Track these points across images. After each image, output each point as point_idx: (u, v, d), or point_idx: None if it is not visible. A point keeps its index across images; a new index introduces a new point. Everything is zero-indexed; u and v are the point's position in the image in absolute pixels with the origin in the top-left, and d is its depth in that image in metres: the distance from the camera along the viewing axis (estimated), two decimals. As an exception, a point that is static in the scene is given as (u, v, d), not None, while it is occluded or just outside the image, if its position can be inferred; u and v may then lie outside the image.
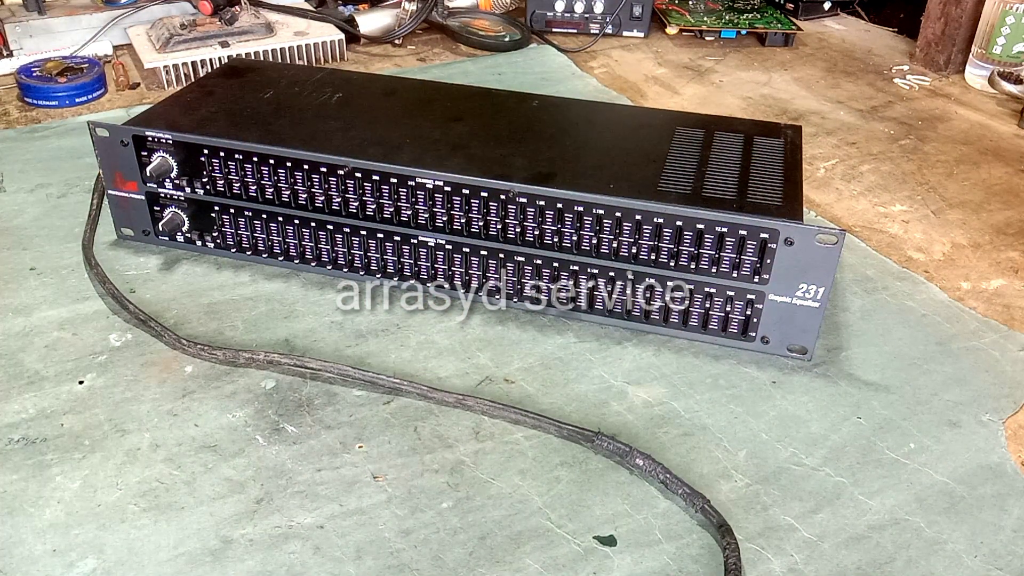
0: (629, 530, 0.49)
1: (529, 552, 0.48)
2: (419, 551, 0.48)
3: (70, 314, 0.65)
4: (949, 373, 0.62)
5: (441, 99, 0.77)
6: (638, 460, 0.53)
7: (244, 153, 0.65)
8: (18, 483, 0.51)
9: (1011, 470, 0.55)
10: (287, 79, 0.79)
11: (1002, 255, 0.77)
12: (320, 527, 0.49)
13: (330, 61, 1.13)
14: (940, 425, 0.58)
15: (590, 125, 0.74)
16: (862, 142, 0.97)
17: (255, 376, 0.59)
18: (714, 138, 0.70)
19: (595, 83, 1.09)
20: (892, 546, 0.49)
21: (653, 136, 0.71)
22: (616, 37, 1.26)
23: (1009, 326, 0.68)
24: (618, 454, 0.53)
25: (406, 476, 0.52)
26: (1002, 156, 0.95)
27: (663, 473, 0.52)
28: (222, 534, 0.48)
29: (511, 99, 0.78)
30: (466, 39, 1.21)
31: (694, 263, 0.61)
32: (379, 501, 0.51)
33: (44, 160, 0.86)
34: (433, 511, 0.50)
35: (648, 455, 0.53)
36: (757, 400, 0.59)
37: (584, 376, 0.61)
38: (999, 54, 1.10)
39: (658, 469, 0.52)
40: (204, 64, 1.03)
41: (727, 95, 1.08)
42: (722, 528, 0.49)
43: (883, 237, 0.79)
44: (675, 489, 0.51)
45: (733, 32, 1.26)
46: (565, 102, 0.79)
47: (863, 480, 0.53)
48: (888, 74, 1.16)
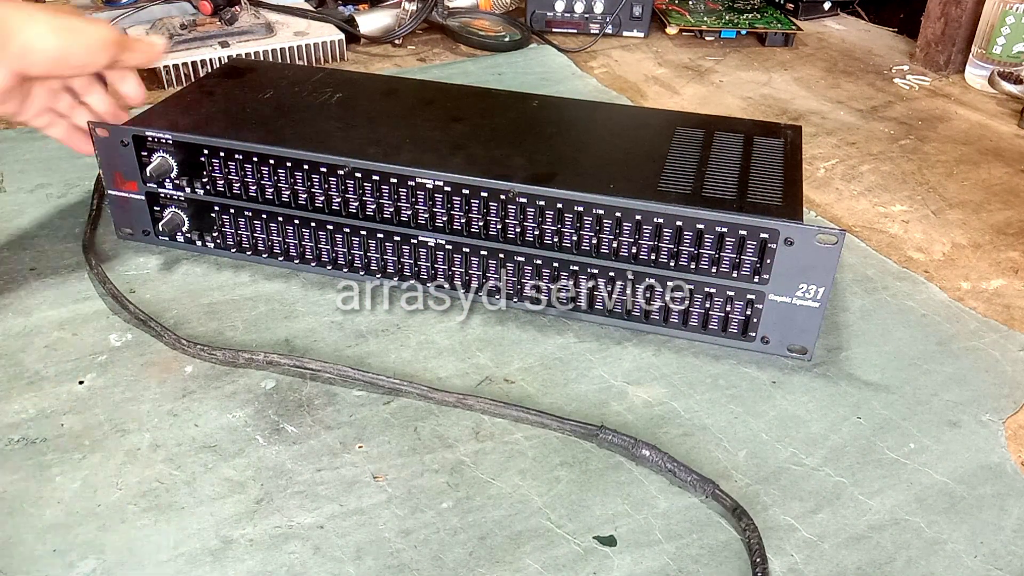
0: (629, 530, 0.49)
1: (529, 552, 0.48)
2: (419, 551, 0.48)
3: (70, 314, 0.65)
4: (949, 373, 0.62)
5: (441, 99, 0.77)
6: (644, 451, 0.53)
7: (244, 153, 0.65)
8: (18, 483, 0.51)
9: (1011, 470, 0.55)
10: (287, 79, 0.79)
11: (1002, 255, 0.77)
12: (320, 527, 0.49)
13: (330, 61, 1.13)
14: (940, 425, 0.58)
15: (590, 125, 0.74)
16: (862, 142, 0.97)
17: (255, 376, 0.59)
18: (714, 138, 0.70)
19: (595, 83, 1.09)
20: (892, 546, 0.49)
21: (653, 136, 0.71)
22: (616, 37, 1.26)
23: (1009, 326, 0.68)
24: (623, 447, 0.54)
25: (406, 476, 0.52)
26: (1002, 156, 0.95)
27: (670, 462, 0.52)
28: (222, 534, 0.48)
29: (511, 99, 0.78)
30: (466, 39, 1.21)
31: (694, 263, 0.61)
32: (379, 501, 0.51)
33: (44, 160, 0.86)
34: (433, 511, 0.50)
35: (654, 446, 0.53)
36: (757, 400, 0.59)
37: (584, 376, 0.61)
38: (999, 54, 1.10)
39: (664, 459, 0.52)
40: (204, 64, 1.03)
41: (727, 95, 1.08)
42: (736, 511, 0.49)
43: (883, 237, 0.79)
44: (684, 477, 0.52)
45: (733, 32, 1.26)
46: (565, 102, 0.79)
47: (863, 480, 0.53)
48: (888, 74, 1.16)
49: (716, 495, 0.51)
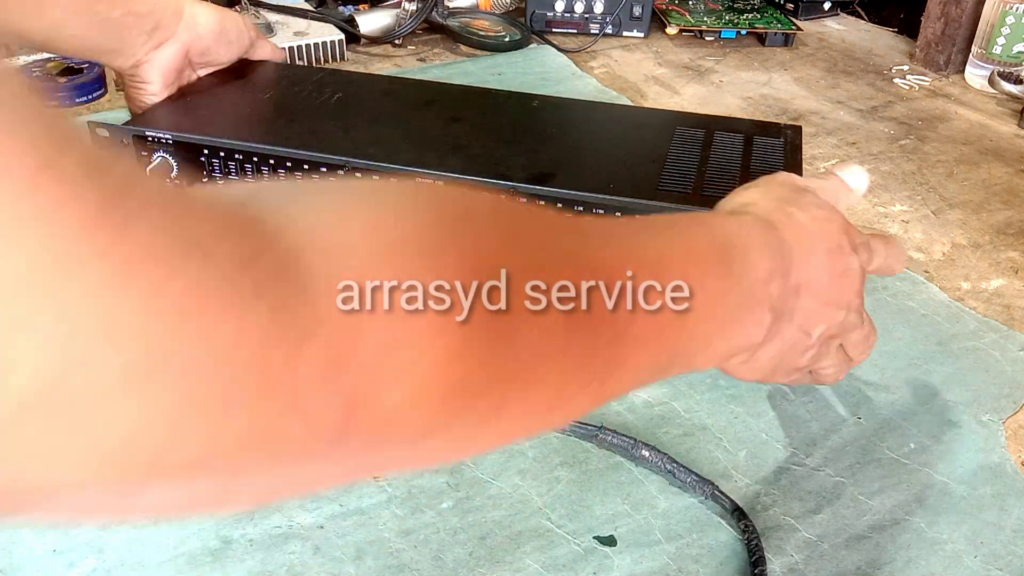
0: (629, 530, 0.49)
1: (529, 552, 0.48)
2: (419, 551, 0.48)
3: (70, 314, 0.65)
4: (949, 373, 0.62)
5: (441, 99, 0.77)
6: (644, 451, 0.53)
7: (244, 153, 0.65)
8: (18, 483, 0.51)
9: (1011, 470, 0.55)
10: (287, 79, 0.79)
11: (1002, 255, 0.77)
12: (320, 527, 0.49)
13: (330, 61, 1.12)
14: (940, 425, 0.58)
15: (590, 124, 0.74)
16: (862, 142, 0.97)
17: (255, 376, 0.59)
18: (714, 138, 0.70)
19: (595, 83, 1.09)
20: (892, 546, 0.49)
21: (653, 136, 0.71)
22: (616, 37, 1.26)
23: (1009, 326, 0.68)
24: (622, 447, 0.54)
25: (406, 476, 0.52)
26: (1002, 156, 0.95)
27: (669, 463, 0.52)
28: (222, 534, 0.48)
29: (511, 99, 0.78)
30: (466, 39, 1.21)
31: (694, 263, 0.61)
32: (379, 501, 0.50)
33: (44, 160, 0.85)
34: (433, 511, 0.50)
35: (653, 446, 0.53)
36: (757, 400, 0.59)
37: (584, 376, 0.61)
38: (999, 54, 1.10)
39: (664, 459, 0.52)
40: (204, 64, 1.03)
41: (727, 95, 1.08)
42: (736, 512, 0.49)
43: (883, 237, 0.79)
44: (683, 477, 0.52)
45: (733, 32, 1.26)
46: (565, 102, 0.79)
47: (863, 480, 0.53)
48: (888, 74, 1.16)
49: (715, 496, 0.50)
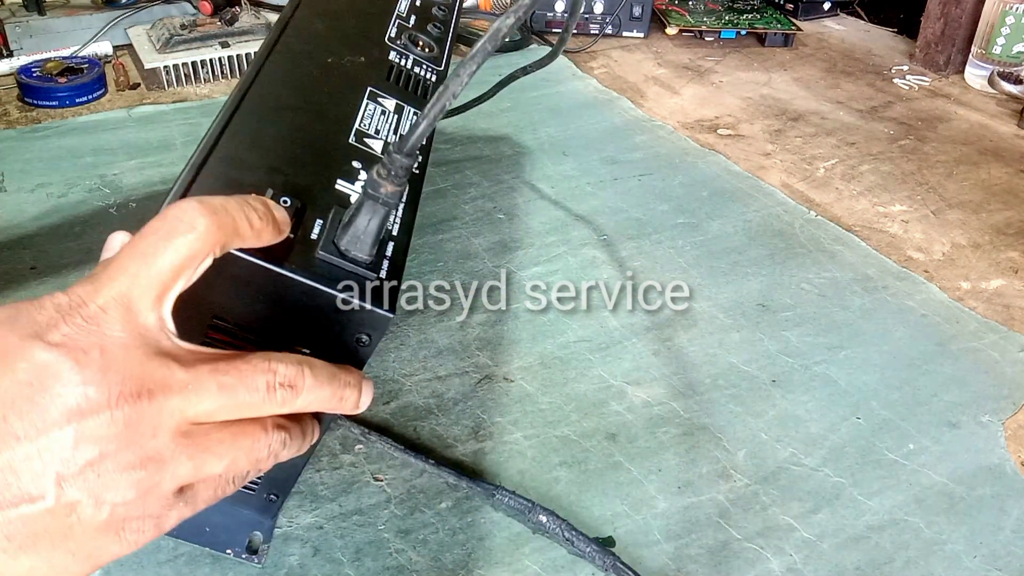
0: (628, 530, 0.49)
1: (528, 553, 0.48)
2: (419, 552, 0.48)
3: (70, 314, 0.65)
4: (949, 373, 0.62)
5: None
6: (541, 517, 0.49)
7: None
8: (18, 483, 0.51)
9: (1011, 471, 0.55)
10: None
11: (1002, 255, 0.77)
12: (320, 528, 0.49)
13: (330, 61, 1.12)
14: (940, 426, 0.58)
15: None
16: (862, 142, 0.97)
17: (255, 376, 0.59)
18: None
19: (595, 83, 1.09)
20: (891, 546, 0.49)
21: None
22: (616, 37, 1.26)
23: (1009, 327, 0.68)
24: (518, 510, 0.50)
25: (406, 476, 0.52)
26: (1002, 156, 0.95)
27: (568, 531, 0.48)
28: (222, 534, 0.48)
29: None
30: (466, 39, 1.21)
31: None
32: (379, 502, 0.50)
33: (44, 160, 0.86)
34: (432, 511, 0.50)
35: (552, 511, 0.49)
36: (757, 400, 0.59)
37: (584, 376, 0.61)
38: (999, 54, 1.10)
39: (562, 526, 0.49)
40: (204, 64, 1.03)
41: (727, 95, 1.08)
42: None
43: (883, 237, 0.79)
44: (581, 548, 0.48)
45: (733, 32, 1.26)
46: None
47: (862, 480, 0.53)
48: (888, 74, 1.16)
49: (617, 568, 0.46)
